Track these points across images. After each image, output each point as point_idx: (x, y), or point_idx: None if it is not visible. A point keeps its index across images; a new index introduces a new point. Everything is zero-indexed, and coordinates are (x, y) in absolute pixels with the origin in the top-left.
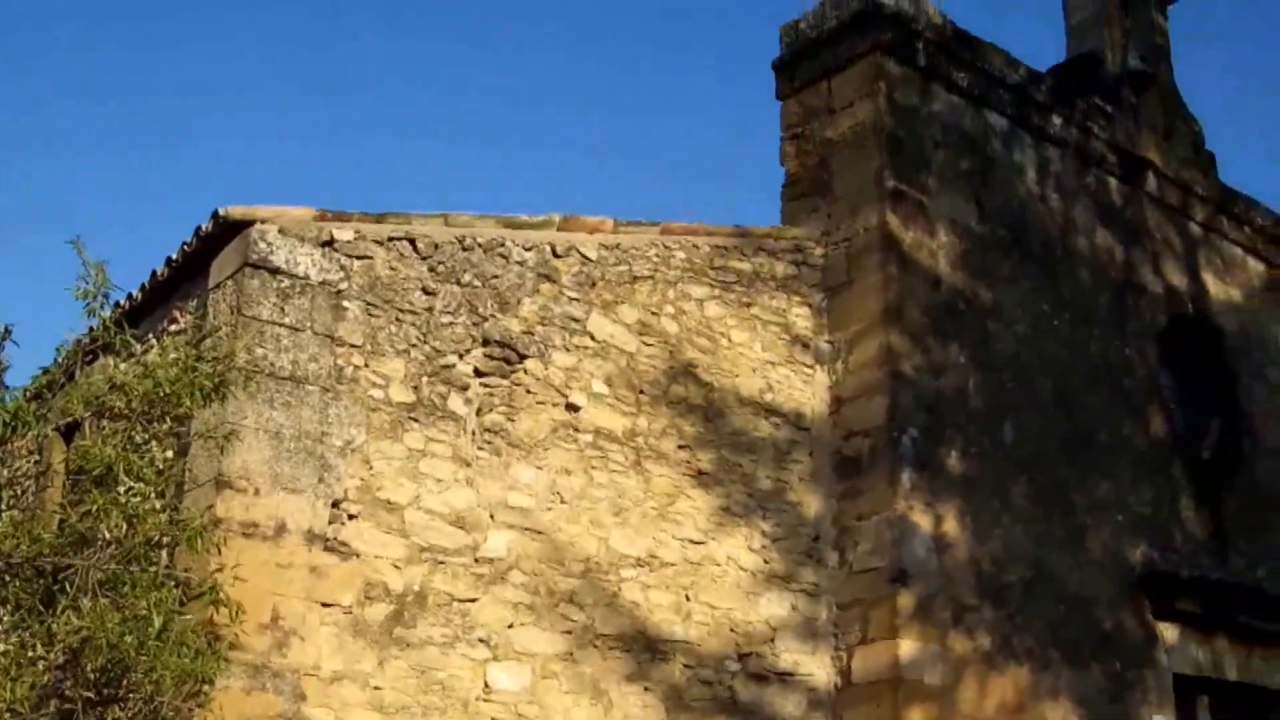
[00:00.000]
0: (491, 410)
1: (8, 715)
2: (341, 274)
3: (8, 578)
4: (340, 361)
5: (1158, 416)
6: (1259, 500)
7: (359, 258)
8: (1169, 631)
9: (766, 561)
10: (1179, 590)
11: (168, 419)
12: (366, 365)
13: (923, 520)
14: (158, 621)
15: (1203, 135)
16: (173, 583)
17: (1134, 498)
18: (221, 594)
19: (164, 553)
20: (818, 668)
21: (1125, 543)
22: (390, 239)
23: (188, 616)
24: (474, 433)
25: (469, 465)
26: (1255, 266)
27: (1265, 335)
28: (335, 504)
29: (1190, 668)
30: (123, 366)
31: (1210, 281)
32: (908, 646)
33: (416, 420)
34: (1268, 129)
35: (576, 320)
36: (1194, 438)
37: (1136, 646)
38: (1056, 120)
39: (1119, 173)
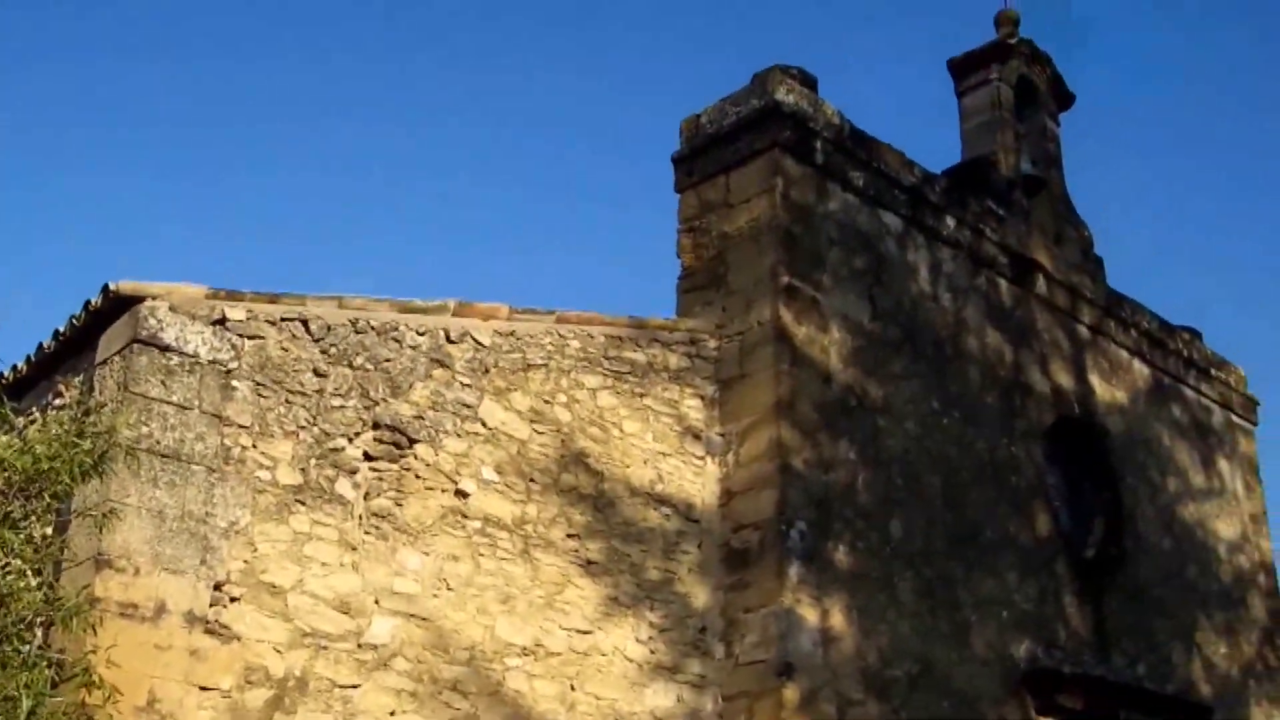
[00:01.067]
0: (380, 495)
1: None
2: (232, 353)
3: None
4: (228, 441)
5: (1043, 514)
6: (1140, 599)
7: (250, 337)
8: None
9: (653, 652)
10: (1062, 687)
11: (46, 495)
12: (254, 446)
13: (810, 614)
14: (27, 704)
15: (1092, 240)
16: (46, 663)
17: (1019, 594)
18: (96, 675)
19: (38, 632)
20: None
21: (1010, 639)
22: (283, 319)
23: (59, 699)
24: (361, 517)
25: (355, 550)
26: (1140, 369)
27: (1149, 437)
28: (217, 586)
29: None
30: (2, 440)
31: (1096, 383)
32: None
33: (303, 503)
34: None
35: (468, 406)
36: (1078, 536)
37: None
38: (950, 221)
39: (1010, 274)
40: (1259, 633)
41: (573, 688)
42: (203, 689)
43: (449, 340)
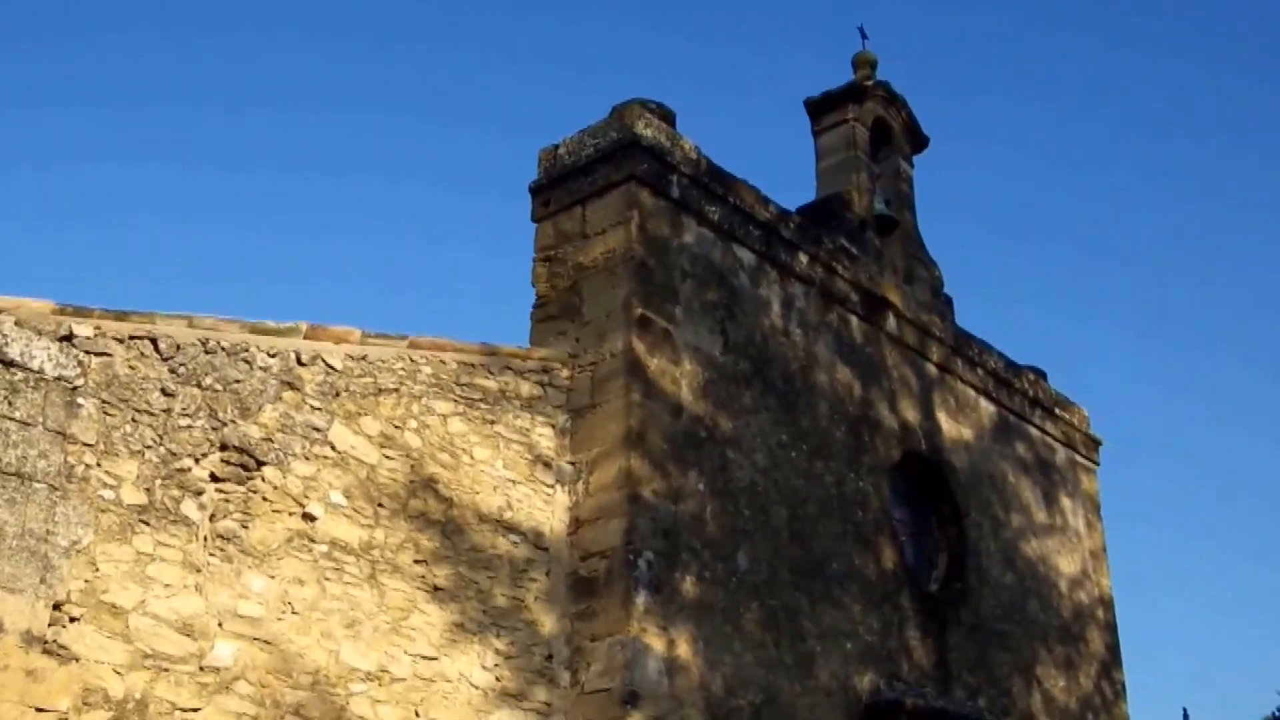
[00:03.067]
0: (226, 516)
1: None
2: (78, 370)
3: None
4: (71, 459)
5: (888, 548)
6: (982, 633)
7: (98, 354)
8: None
9: (499, 679)
10: (904, 719)
11: None
12: (99, 464)
13: (656, 643)
14: None
15: (942, 280)
16: None
17: (863, 627)
18: None
19: None
20: None
21: (853, 671)
22: (131, 337)
23: None
24: (206, 538)
25: (199, 571)
26: (986, 407)
27: (994, 473)
28: (57, 606)
29: None
30: None
31: (944, 420)
32: None
33: (147, 523)
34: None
35: (318, 429)
36: (922, 570)
37: None
38: (803, 258)
39: (861, 311)
40: (1097, 666)
41: (418, 714)
42: (39, 710)
43: (300, 363)
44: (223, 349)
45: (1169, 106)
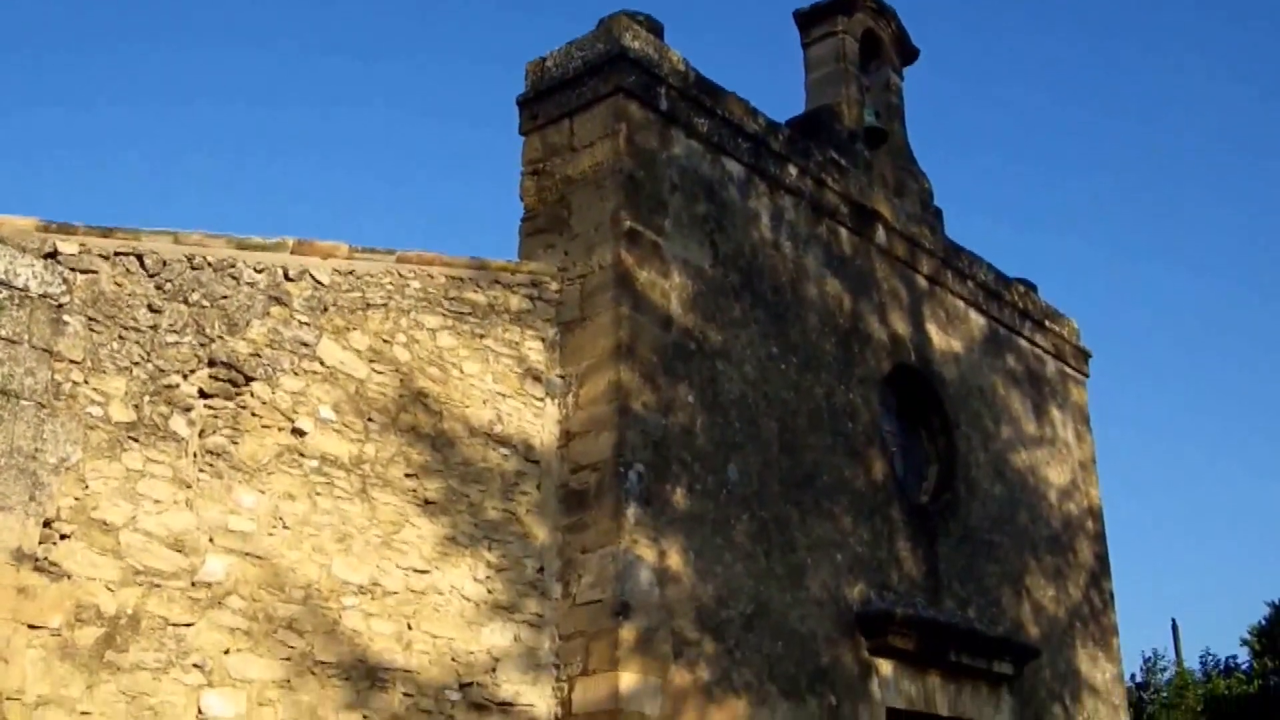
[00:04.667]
0: (215, 432)
1: None
2: (64, 287)
3: None
4: (58, 377)
5: (878, 460)
6: (971, 543)
7: (83, 272)
8: (884, 667)
9: (490, 592)
10: (894, 628)
11: None
12: (86, 382)
13: (646, 555)
14: None
15: (931, 192)
16: None
17: (853, 538)
18: None
19: None
20: (539, 698)
21: (844, 581)
22: (117, 254)
23: None
24: (195, 455)
25: (189, 487)
26: (976, 320)
27: (983, 385)
28: (47, 523)
29: (903, 702)
30: None
31: (933, 332)
32: (628, 679)
33: (136, 440)
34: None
35: (306, 345)
36: (912, 482)
37: (852, 681)
38: (792, 170)
39: (850, 224)
40: (1086, 576)
41: (410, 626)
42: (31, 627)
43: (287, 278)
44: (209, 265)
45: (1166, 21)
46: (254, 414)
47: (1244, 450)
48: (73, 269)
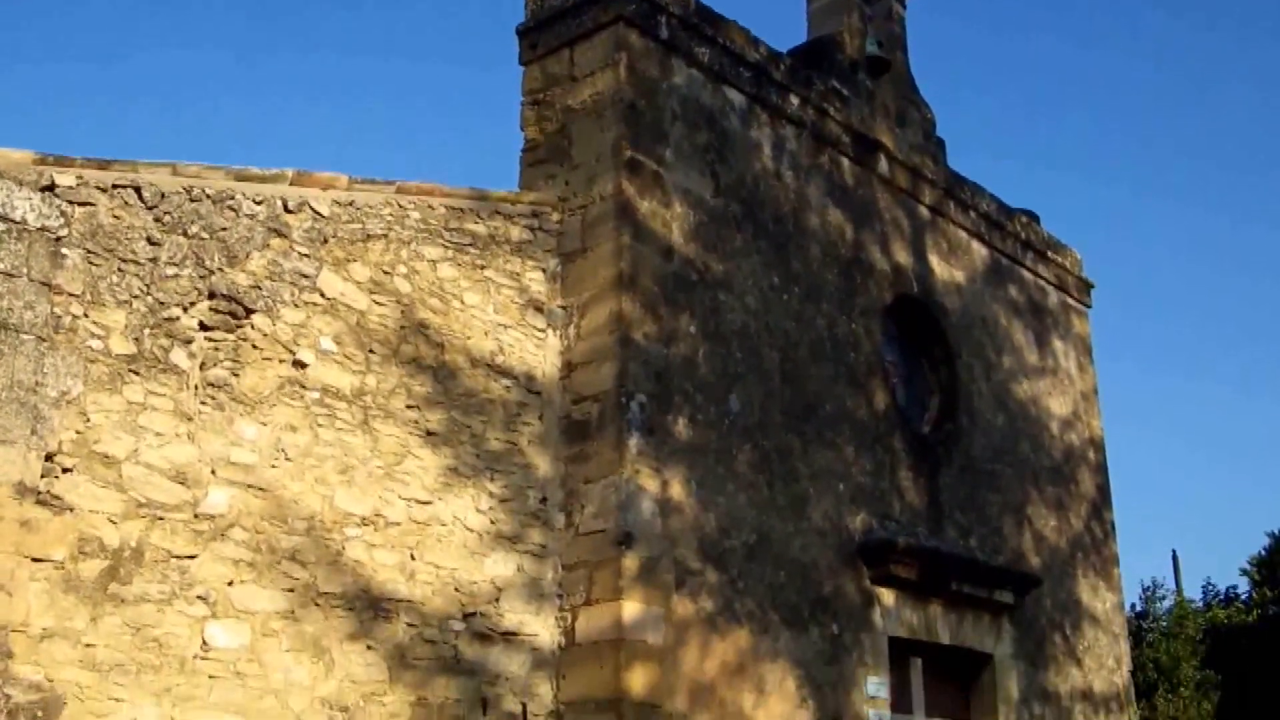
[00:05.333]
0: (216, 365)
1: None
2: (62, 220)
3: None
4: (58, 310)
5: (880, 391)
6: (973, 474)
7: (81, 204)
8: (886, 596)
9: (493, 522)
10: (896, 557)
11: None
12: (86, 315)
13: (649, 485)
14: None
15: (934, 122)
16: None
17: (855, 468)
18: None
19: None
20: (542, 628)
21: (845, 511)
22: (115, 186)
23: None
24: (197, 387)
25: (191, 420)
26: (978, 250)
27: (986, 316)
28: (49, 456)
29: (905, 631)
30: None
31: (935, 262)
32: (631, 608)
33: (137, 373)
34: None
35: (306, 276)
36: (914, 412)
37: (854, 611)
38: (794, 100)
39: (852, 154)
40: (1087, 507)
41: (413, 557)
42: (35, 560)
43: (286, 210)
44: (208, 197)
45: None
46: (255, 346)
47: (1245, 382)
48: (70, 202)
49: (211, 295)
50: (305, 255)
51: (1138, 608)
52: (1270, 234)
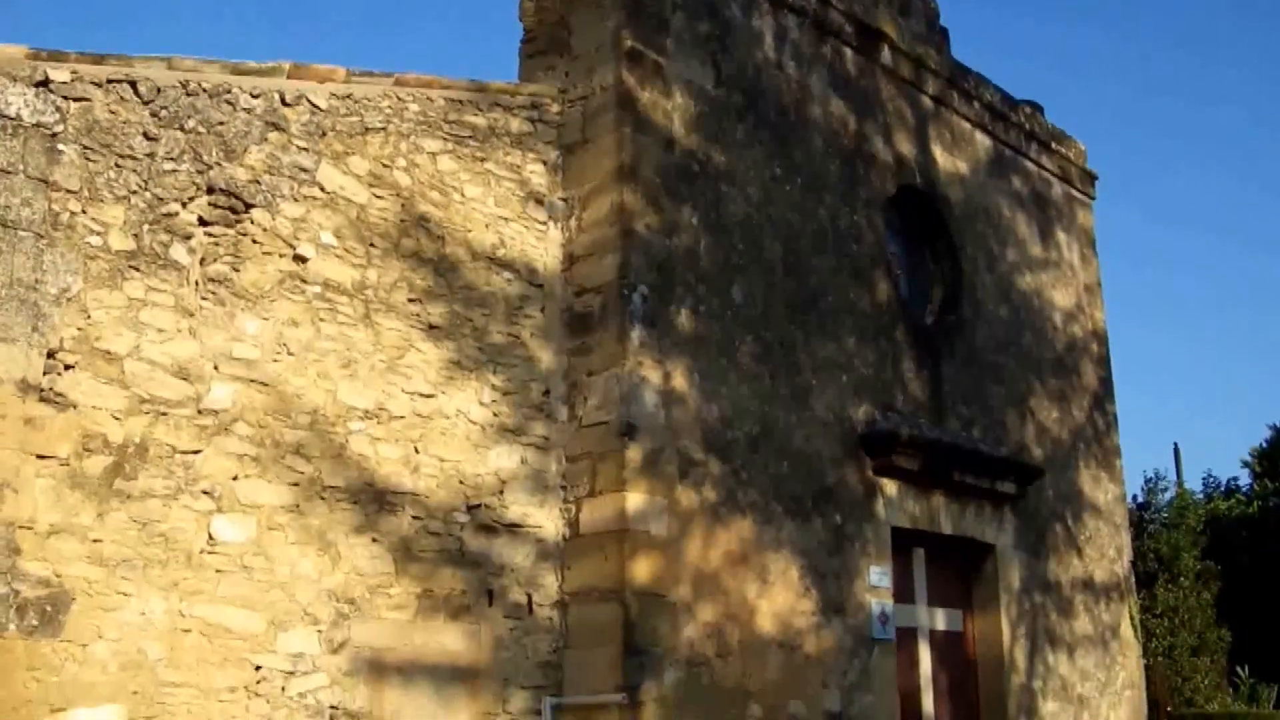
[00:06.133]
0: (216, 260)
1: None
2: (57, 116)
3: None
4: (56, 207)
5: (883, 282)
6: (976, 365)
7: (76, 100)
8: (888, 487)
9: (496, 415)
10: (899, 448)
11: None
12: (84, 211)
13: (652, 376)
14: None
15: (937, 12)
16: None
17: (858, 359)
18: None
19: None
20: (546, 519)
21: (848, 402)
22: (110, 81)
23: None
24: (197, 283)
25: (192, 315)
26: (982, 141)
27: (989, 207)
28: (51, 354)
29: (908, 521)
30: None
31: (939, 153)
32: (635, 499)
33: (137, 269)
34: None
35: (305, 170)
36: (917, 303)
37: (857, 501)
38: None
39: (855, 44)
40: (1089, 398)
41: (417, 450)
42: (40, 457)
43: (284, 103)
44: (204, 90)
45: None
46: (254, 241)
47: (1248, 275)
48: (65, 97)
49: (210, 190)
50: (304, 149)
51: (1139, 499)
52: (1275, 128)
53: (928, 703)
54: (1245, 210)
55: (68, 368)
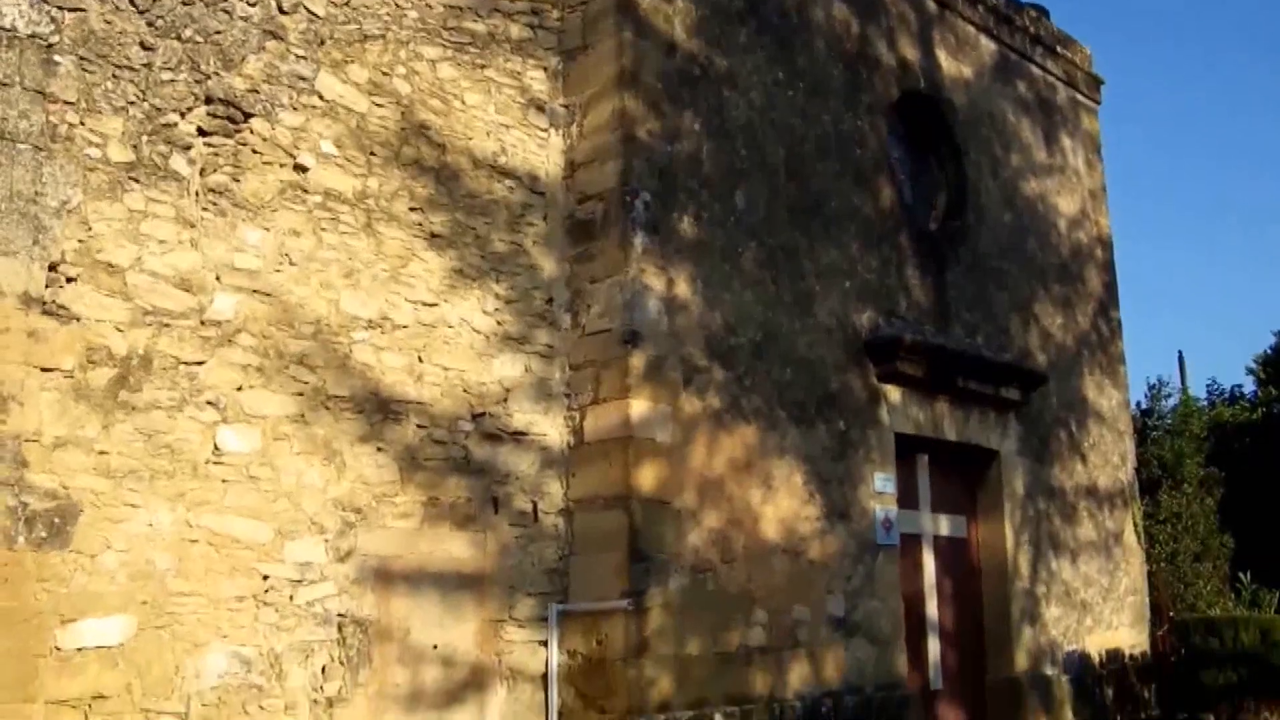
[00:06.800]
0: (216, 170)
1: None
2: (53, 27)
3: None
4: (53, 119)
5: (887, 188)
6: (980, 271)
7: (71, 10)
8: (892, 393)
9: (500, 323)
10: (902, 354)
11: None
12: (82, 123)
13: (655, 283)
14: None
15: None
16: None
17: (862, 265)
18: None
19: None
20: (551, 427)
21: (852, 308)
22: None
23: None
24: (198, 193)
25: (193, 227)
26: (986, 45)
27: (994, 112)
28: (52, 267)
29: (911, 427)
30: None
31: (943, 58)
32: (639, 406)
33: (137, 180)
34: None
35: (304, 79)
36: (921, 209)
37: (861, 408)
38: None
39: None
40: (1094, 305)
41: (420, 359)
42: (44, 370)
43: (281, 10)
44: None
45: None
46: (254, 151)
47: (1255, 182)
48: (60, 7)
49: (208, 100)
50: (302, 57)
51: (1143, 406)
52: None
53: (931, 608)
54: (1255, 118)
55: (70, 280)
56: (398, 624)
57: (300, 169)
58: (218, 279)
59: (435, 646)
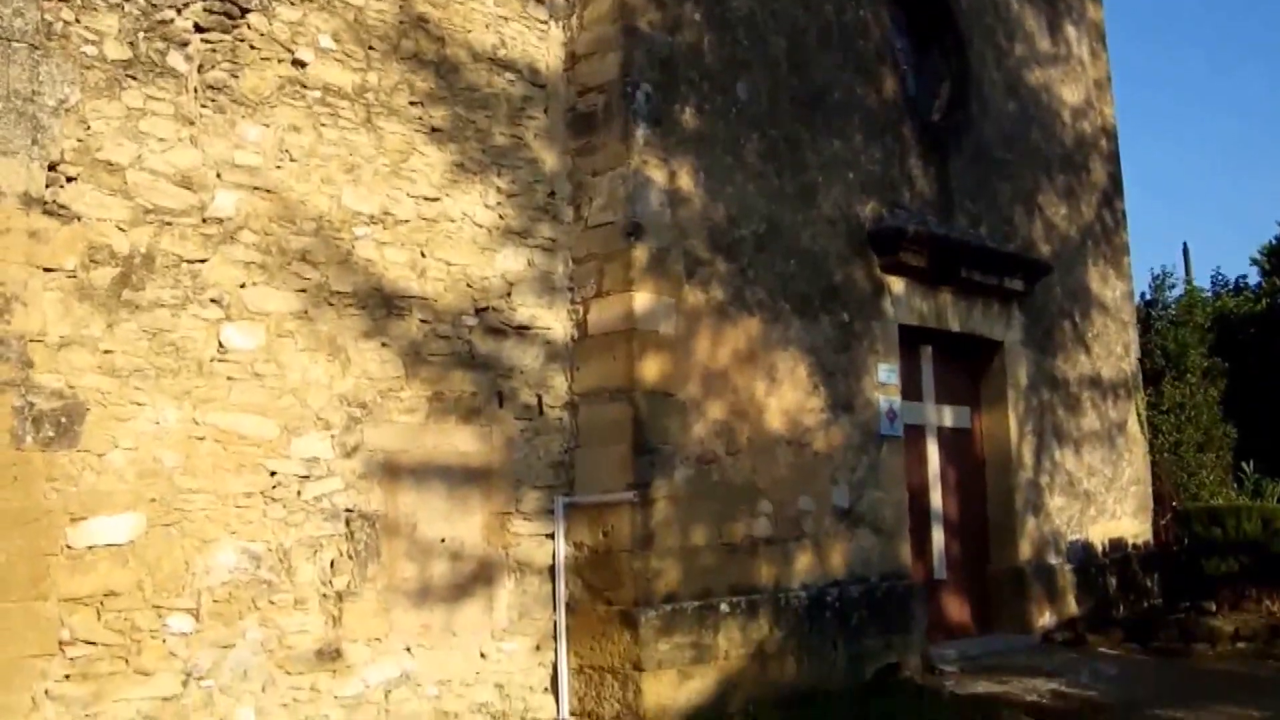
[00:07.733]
0: (214, 67)
1: None
2: None
3: None
4: (48, 17)
5: (889, 78)
6: (984, 162)
7: None
8: (896, 285)
9: (502, 217)
10: (906, 245)
11: None
12: (78, 20)
13: (657, 175)
14: None
15: None
16: None
17: (865, 157)
18: None
19: None
20: (554, 321)
21: (855, 200)
22: None
23: None
24: (196, 90)
25: (192, 124)
26: None
27: (997, 1)
28: (52, 166)
29: (915, 319)
30: None
31: None
32: (642, 299)
33: (134, 78)
34: None
35: None
36: (924, 100)
37: (864, 299)
38: None
39: None
40: (1098, 195)
41: (423, 254)
42: (46, 270)
43: None
44: None
45: None
46: (252, 46)
47: (1261, 72)
48: None
49: None
50: None
51: (1147, 296)
52: None
53: (935, 498)
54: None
55: (70, 180)
56: (405, 518)
57: (299, 64)
58: (218, 176)
59: (443, 540)
